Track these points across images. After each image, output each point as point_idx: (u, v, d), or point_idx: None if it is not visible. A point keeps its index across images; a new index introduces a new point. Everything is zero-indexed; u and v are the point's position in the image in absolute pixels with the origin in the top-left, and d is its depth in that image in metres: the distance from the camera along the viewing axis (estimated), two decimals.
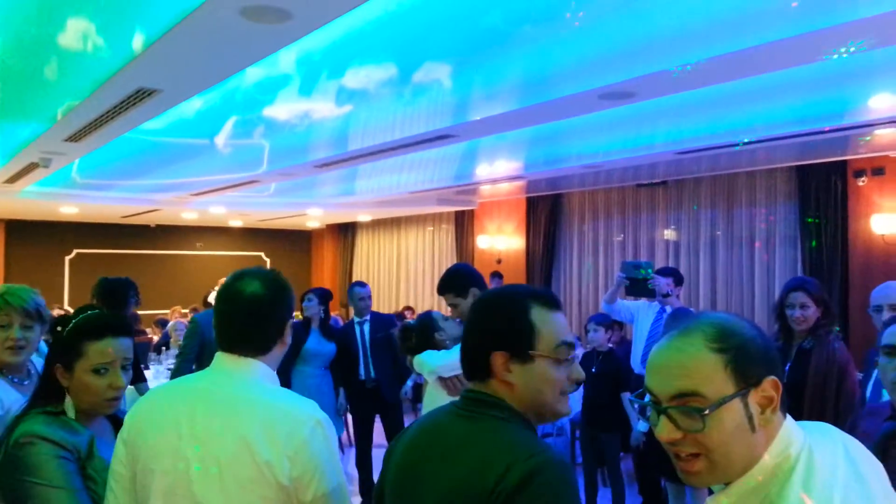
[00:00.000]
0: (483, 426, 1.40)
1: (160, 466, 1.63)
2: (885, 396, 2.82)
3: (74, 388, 1.89)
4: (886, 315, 3.44)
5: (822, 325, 3.50)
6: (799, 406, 3.43)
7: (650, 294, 5.63)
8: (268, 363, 1.73)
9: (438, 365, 3.28)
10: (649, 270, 5.68)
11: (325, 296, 6.09)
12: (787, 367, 3.55)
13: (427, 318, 3.55)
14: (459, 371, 3.17)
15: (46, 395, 1.90)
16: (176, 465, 1.61)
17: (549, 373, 1.42)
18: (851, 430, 2.45)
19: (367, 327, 5.73)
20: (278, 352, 1.77)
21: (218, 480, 1.57)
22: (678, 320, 1.28)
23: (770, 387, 1.19)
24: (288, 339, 1.79)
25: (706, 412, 1.13)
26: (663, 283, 5.60)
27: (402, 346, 3.55)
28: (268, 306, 1.73)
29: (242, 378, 1.69)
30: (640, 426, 4.94)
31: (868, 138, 5.91)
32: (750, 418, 1.16)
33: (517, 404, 1.42)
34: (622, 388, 5.17)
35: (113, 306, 4.36)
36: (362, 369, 5.66)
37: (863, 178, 6.88)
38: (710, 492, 1.24)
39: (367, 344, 5.67)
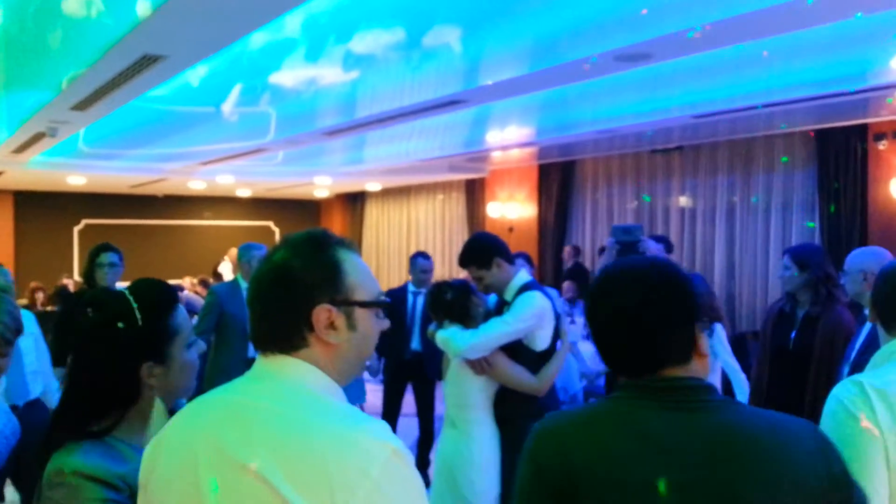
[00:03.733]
0: (732, 413, 1.26)
1: None
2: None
3: (171, 379, 1.50)
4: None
5: (816, 287, 3.51)
6: (806, 372, 3.47)
7: None
8: (321, 365, 1.19)
9: (468, 344, 3.03)
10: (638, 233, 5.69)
11: None
12: (792, 334, 3.59)
13: (466, 281, 3.35)
14: (488, 352, 3.10)
15: (84, 412, 1.44)
16: None
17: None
18: None
19: (422, 299, 5.33)
20: (323, 351, 1.19)
21: None
22: None
23: None
24: (329, 337, 1.19)
25: None
26: (654, 249, 5.65)
27: (435, 300, 3.26)
28: (289, 280, 1.19)
29: (281, 387, 1.16)
30: None
31: (891, 100, 5.76)
32: None
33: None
34: None
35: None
36: (408, 339, 5.40)
37: (883, 142, 6.73)
38: None
39: (419, 316, 5.37)
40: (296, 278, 1.18)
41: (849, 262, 3.36)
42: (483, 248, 3.18)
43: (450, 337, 3.12)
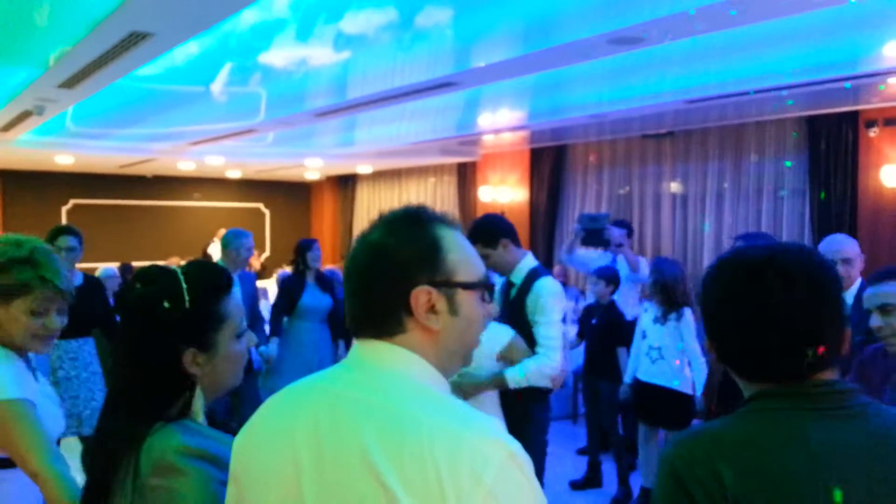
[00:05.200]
0: (887, 416, 1.18)
1: None
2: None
3: (216, 369, 1.41)
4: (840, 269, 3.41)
5: None
6: None
7: (605, 244, 5.95)
8: (420, 353, 1.09)
9: (552, 364, 3.05)
10: (604, 221, 6.03)
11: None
12: None
13: None
14: (563, 349, 3.11)
15: (147, 395, 1.35)
16: None
17: None
18: (867, 382, 2.47)
19: None
20: (423, 337, 1.10)
21: None
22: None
23: None
24: (429, 322, 1.09)
25: None
26: (617, 234, 5.93)
27: None
28: (384, 259, 1.11)
29: (384, 378, 1.07)
30: (627, 379, 5.03)
31: (883, 87, 5.76)
32: None
33: None
34: (617, 341, 5.27)
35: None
36: None
37: (874, 129, 6.74)
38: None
39: None
40: (391, 257, 1.09)
41: (822, 249, 3.40)
42: (491, 228, 3.26)
43: (537, 367, 3.05)
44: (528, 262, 3.27)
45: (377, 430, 0.99)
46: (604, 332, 5.35)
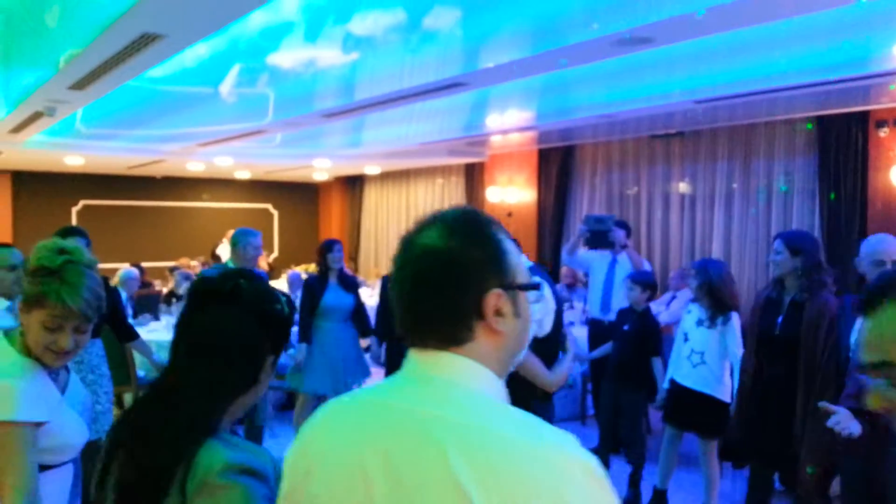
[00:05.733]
0: None
1: None
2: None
3: (263, 384, 1.40)
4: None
5: (808, 274, 3.54)
6: (794, 358, 3.53)
7: (611, 245, 5.96)
8: (485, 360, 1.07)
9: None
10: (610, 223, 6.06)
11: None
12: (779, 320, 3.63)
13: None
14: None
15: (215, 404, 1.31)
16: None
17: None
18: (860, 389, 2.46)
19: None
20: (490, 343, 1.07)
21: None
22: None
23: None
24: (499, 324, 1.07)
25: None
26: (622, 236, 5.93)
27: None
28: (455, 264, 1.06)
29: (452, 392, 1.03)
30: (665, 384, 4.88)
31: (893, 87, 5.73)
32: None
33: None
34: (651, 350, 5.06)
35: None
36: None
37: (884, 129, 6.71)
38: None
39: None
40: (462, 262, 1.05)
41: (864, 249, 3.38)
42: None
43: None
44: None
45: (461, 448, 0.95)
46: (636, 339, 5.09)
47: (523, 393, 3.07)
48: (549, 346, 3.19)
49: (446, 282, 1.05)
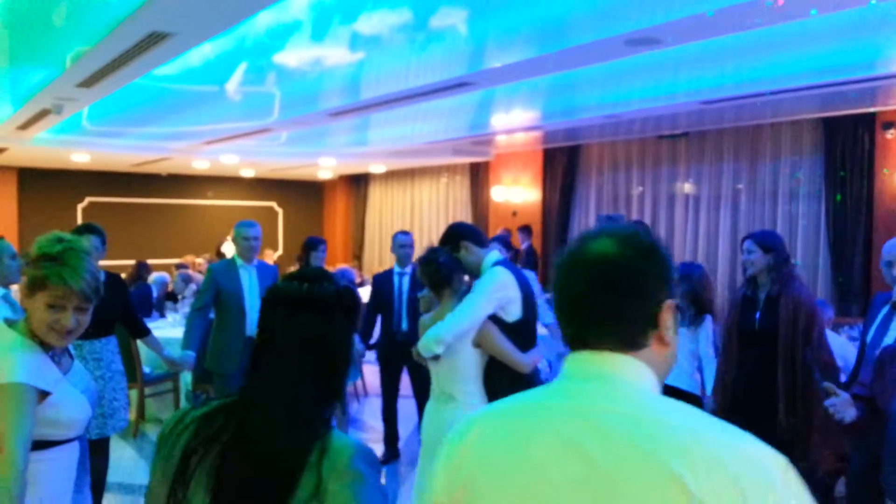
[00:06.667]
0: None
1: None
2: (886, 341, 3.04)
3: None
4: None
5: (779, 268, 3.66)
6: (774, 351, 3.60)
7: None
8: (652, 367, 1.12)
9: (435, 337, 3.07)
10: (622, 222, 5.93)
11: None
12: (757, 315, 3.73)
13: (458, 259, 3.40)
14: (458, 339, 3.13)
15: (326, 397, 1.38)
16: None
17: None
18: (880, 377, 2.47)
19: (407, 280, 5.30)
20: (658, 353, 1.11)
21: None
22: None
23: None
24: (669, 337, 1.12)
25: None
26: None
27: (427, 258, 3.28)
28: (641, 276, 1.10)
29: (632, 391, 1.07)
30: None
31: None
32: None
33: None
34: None
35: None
36: (396, 321, 5.31)
37: (891, 131, 6.71)
38: None
39: (405, 297, 5.27)
40: (644, 271, 1.09)
41: (886, 250, 3.40)
42: (450, 233, 3.39)
43: (426, 337, 3.15)
44: (492, 257, 3.33)
45: (669, 443, 0.98)
46: None
47: (510, 384, 3.09)
48: (522, 331, 3.22)
49: (630, 287, 1.09)
